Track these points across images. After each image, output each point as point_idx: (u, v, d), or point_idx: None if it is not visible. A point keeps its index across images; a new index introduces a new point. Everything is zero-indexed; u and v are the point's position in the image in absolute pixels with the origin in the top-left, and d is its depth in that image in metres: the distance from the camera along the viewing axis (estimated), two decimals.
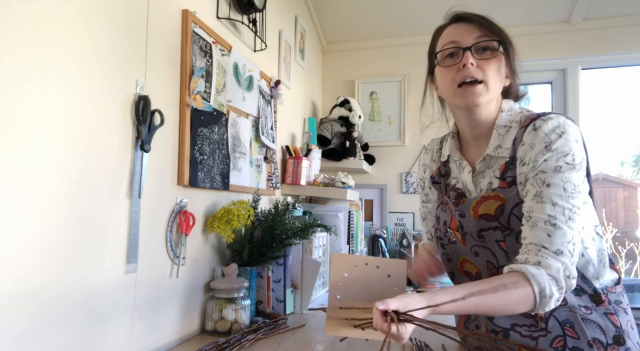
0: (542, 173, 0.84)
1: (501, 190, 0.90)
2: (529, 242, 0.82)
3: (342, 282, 0.78)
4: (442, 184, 1.07)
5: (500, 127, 0.93)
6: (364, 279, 0.78)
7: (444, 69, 0.93)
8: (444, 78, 0.94)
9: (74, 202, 0.86)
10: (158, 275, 1.11)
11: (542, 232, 0.81)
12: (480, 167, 0.97)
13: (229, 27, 1.50)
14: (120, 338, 0.98)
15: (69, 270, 0.85)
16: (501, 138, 0.93)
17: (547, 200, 0.82)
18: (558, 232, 0.80)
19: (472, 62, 0.88)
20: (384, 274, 0.79)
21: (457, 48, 0.91)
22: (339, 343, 1.18)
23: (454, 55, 0.92)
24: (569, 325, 0.87)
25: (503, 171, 0.91)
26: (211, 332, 1.24)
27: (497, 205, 0.90)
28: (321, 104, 2.74)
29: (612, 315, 0.88)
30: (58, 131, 0.82)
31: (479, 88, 0.89)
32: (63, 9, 0.83)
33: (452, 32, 0.94)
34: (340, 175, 2.12)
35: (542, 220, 0.81)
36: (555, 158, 0.83)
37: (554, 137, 0.84)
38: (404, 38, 2.61)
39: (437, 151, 1.12)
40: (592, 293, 0.89)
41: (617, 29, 2.27)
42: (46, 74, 0.80)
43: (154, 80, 1.09)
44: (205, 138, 1.29)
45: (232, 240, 1.32)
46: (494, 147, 0.93)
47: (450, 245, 1.02)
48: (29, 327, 0.77)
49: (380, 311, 0.68)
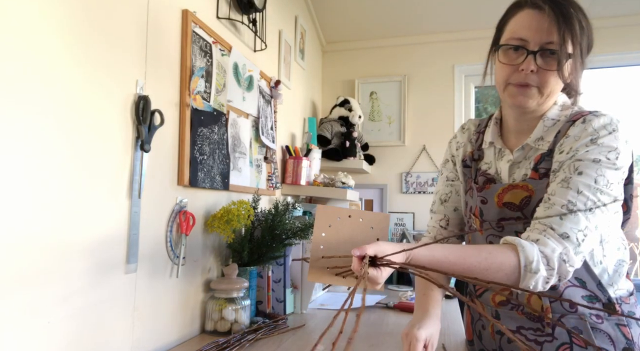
0: (578, 161, 0.79)
1: (531, 181, 0.86)
2: (539, 221, 0.79)
3: (326, 233, 0.79)
4: (473, 168, 1.01)
5: (547, 119, 0.88)
6: (347, 231, 0.80)
7: (502, 65, 0.87)
8: (500, 72, 0.88)
9: (74, 202, 0.86)
10: (158, 275, 1.11)
11: (555, 213, 0.77)
12: (517, 156, 0.92)
13: (229, 27, 1.50)
14: (120, 338, 0.98)
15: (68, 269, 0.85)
16: (546, 130, 0.88)
17: (573, 187, 0.77)
18: (572, 217, 0.76)
19: (532, 69, 0.82)
20: (367, 226, 0.80)
21: (523, 47, 0.83)
22: (339, 343, 1.18)
23: (518, 50, 0.84)
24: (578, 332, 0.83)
25: (537, 162, 0.87)
26: (211, 332, 1.24)
27: (524, 195, 0.86)
28: (321, 104, 2.74)
29: (624, 327, 0.84)
30: (58, 131, 0.82)
31: (531, 92, 0.84)
32: (63, 8, 0.83)
33: (525, 22, 0.84)
34: (340, 175, 2.12)
35: (560, 204, 0.77)
36: (598, 151, 0.79)
37: (604, 133, 0.80)
38: (404, 38, 2.61)
39: (475, 134, 1.05)
40: (606, 302, 0.85)
41: (617, 29, 2.27)
42: (46, 73, 0.80)
43: (154, 80, 1.09)
44: (205, 138, 1.29)
45: (232, 240, 1.32)
46: (535, 138, 0.89)
47: (470, 233, 1.01)
48: (29, 328, 0.77)
49: (357, 257, 0.68)
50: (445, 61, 2.56)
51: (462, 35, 2.53)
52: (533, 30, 0.82)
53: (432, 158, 2.52)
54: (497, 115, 0.99)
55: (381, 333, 1.29)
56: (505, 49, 0.86)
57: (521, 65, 0.83)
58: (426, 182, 2.52)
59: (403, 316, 1.51)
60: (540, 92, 0.84)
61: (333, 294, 1.84)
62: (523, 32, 0.84)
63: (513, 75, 0.85)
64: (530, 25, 0.83)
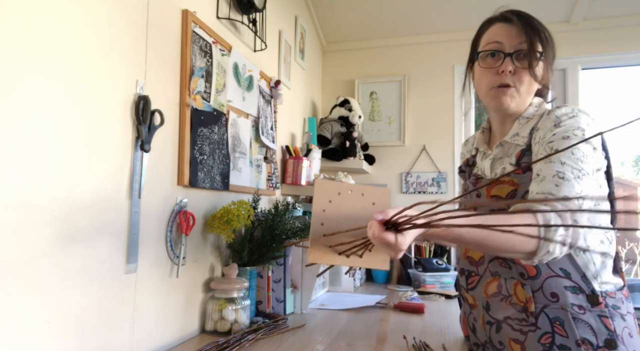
0: (551, 143, 0.86)
1: (516, 176, 0.92)
2: (535, 193, 0.83)
3: (326, 209, 0.74)
4: (467, 173, 1.13)
5: (522, 118, 0.98)
6: (348, 206, 0.75)
7: (483, 70, 0.97)
8: (481, 79, 0.99)
9: (74, 202, 0.86)
10: (158, 275, 1.11)
11: (549, 183, 0.82)
12: (497, 152, 1.01)
13: (229, 27, 1.50)
14: (120, 338, 0.98)
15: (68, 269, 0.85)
16: (521, 127, 0.97)
17: (556, 160, 0.83)
18: (566, 183, 0.80)
19: (510, 69, 0.92)
20: (369, 201, 0.76)
21: (499, 51, 0.94)
22: (339, 343, 1.18)
23: (495, 55, 0.95)
24: (559, 322, 0.87)
25: (519, 158, 0.95)
26: (211, 332, 1.24)
27: (510, 189, 0.92)
28: (321, 104, 2.74)
29: (606, 318, 0.87)
30: (58, 131, 0.82)
31: (510, 92, 0.94)
32: (63, 9, 0.83)
33: (498, 31, 0.96)
34: (340, 175, 2.11)
35: (550, 175, 0.82)
36: (564, 131, 0.86)
37: (565, 118, 0.88)
38: (404, 38, 2.61)
39: (473, 143, 1.17)
40: (589, 294, 0.88)
41: (617, 29, 2.27)
42: (46, 74, 0.80)
43: (154, 80, 1.09)
44: (205, 138, 1.29)
45: (232, 240, 1.32)
46: (511, 135, 0.98)
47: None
48: (29, 328, 0.77)
49: (379, 222, 0.65)
50: (445, 61, 2.56)
51: (462, 35, 2.52)
52: (506, 37, 0.94)
53: (432, 158, 2.52)
54: (485, 125, 1.11)
55: (381, 333, 1.28)
56: (484, 56, 0.97)
57: (500, 67, 0.93)
58: (426, 182, 2.52)
59: (403, 316, 1.51)
60: (518, 91, 0.94)
61: (333, 294, 1.84)
62: (498, 38, 0.95)
63: (493, 78, 0.95)
64: (502, 33, 0.95)
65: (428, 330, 1.32)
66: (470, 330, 1.06)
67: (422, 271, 2.05)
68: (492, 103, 0.97)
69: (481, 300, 0.99)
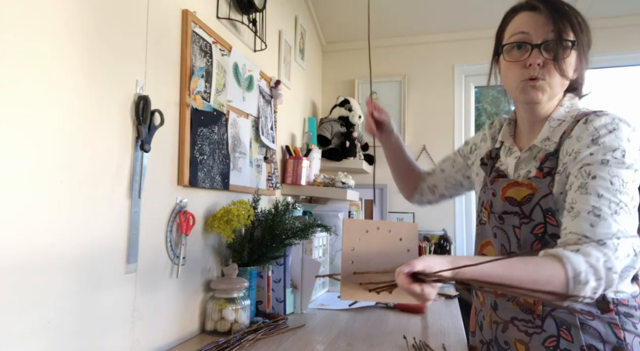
0: (587, 165, 0.79)
1: (535, 180, 0.88)
2: (569, 231, 0.77)
3: (355, 247, 0.77)
4: (489, 166, 1.04)
5: (553, 120, 0.90)
6: (377, 243, 0.78)
7: (509, 63, 0.90)
8: (508, 73, 0.91)
9: (74, 202, 0.86)
10: (158, 275, 1.11)
11: (584, 221, 0.76)
12: (525, 156, 0.94)
13: (229, 27, 1.50)
14: (120, 338, 0.98)
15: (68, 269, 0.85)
16: (552, 130, 0.90)
17: (592, 191, 0.77)
18: (602, 223, 0.74)
19: (539, 62, 0.84)
20: (396, 237, 0.79)
21: (526, 43, 0.86)
22: (339, 343, 1.18)
23: (522, 47, 0.87)
24: (565, 326, 0.85)
25: (542, 161, 0.89)
26: (211, 332, 1.24)
27: (527, 193, 0.88)
28: (321, 104, 2.74)
29: (615, 326, 0.83)
30: (58, 131, 0.82)
31: (540, 84, 0.86)
32: (63, 9, 0.83)
33: (524, 20, 0.88)
34: (340, 175, 2.12)
35: (586, 211, 0.76)
36: (602, 152, 0.79)
37: (603, 132, 0.80)
38: (404, 38, 2.61)
39: (498, 131, 1.08)
40: (599, 300, 0.83)
41: (617, 29, 2.27)
42: (46, 74, 0.80)
43: (154, 80, 1.09)
44: (205, 138, 1.29)
45: (232, 240, 1.32)
46: (542, 138, 0.91)
47: (480, 226, 1.03)
48: (29, 328, 0.77)
49: (406, 274, 0.66)
50: (445, 61, 2.56)
51: (462, 35, 2.53)
52: (533, 26, 0.86)
53: (432, 158, 2.52)
54: (512, 117, 1.03)
55: (381, 333, 1.29)
56: (509, 48, 0.89)
57: (528, 59, 0.85)
58: None
59: (403, 316, 1.51)
60: (549, 84, 0.86)
61: (333, 294, 1.84)
62: (524, 28, 0.87)
63: (521, 72, 0.87)
64: (529, 22, 0.86)
65: (428, 330, 1.32)
66: (477, 327, 1.05)
67: None
68: (521, 97, 0.89)
69: (490, 299, 0.98)
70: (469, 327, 1.12)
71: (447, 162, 1.22)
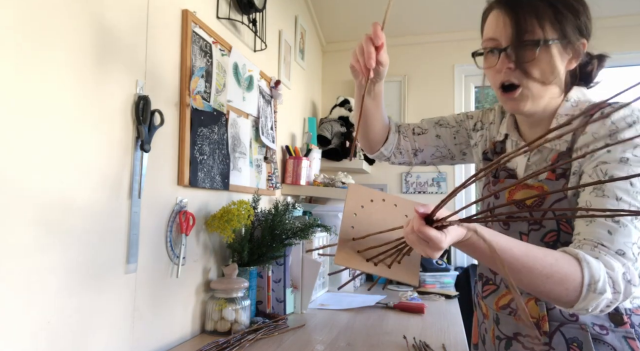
0: (604, 164, 0.72)
1: (547, 182, 0.80)
2: (584, 238, 0.70)
3: (357, 213, 0.72)
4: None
5: (561, 116, 0.81)
6: (380, 215, 0.73)
7: (486, 70, 0.84)
8: (488, 79, 0.85)
9: (74, 202, 0.86)
10: (158, 275, 1.11)
11: (601, 228, 0.69)
12: (535, 159, 0.86)
13: (229, 27, 1.50)
14: (120, 338, 0.98)
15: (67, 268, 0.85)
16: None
17: (610, 194, 0.70)
18: (621, 230, 0.68)
19: (509, 66, 0.77)
20: (401, 213, 0.73)
21: (493, 48, 0.80)
22: (339, 343, 1.18)
23: (493, 52, 0.81)
24: (577, 344, 0.77)
25: (554, 161, 0.81)
26: (211, 332, 1.24)
27: (538, 196, 0.81)
28: (321, 104, 2.74)
29: (632, 340, 0.76)
30: (58, 131, 0.82)
31: (519, 95, 0.79)
32: (63, 9, 0.83)
33: (492, 22, 0.81)
34: (340, 175, 2.12)
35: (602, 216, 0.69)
36: (621, 148, 0.71)
37: (623, 126, 0.72)
38: (404, 38, 2.61)
39: (499, 116, 0.99)
40: (612, 312, 0.77)
41: (617, 29, 2.27)
42: (46, 74, 0.80)
43: (154, 80, 1.09)
44: (205, 138, 1.29)
45: (232, 240, 1.32)
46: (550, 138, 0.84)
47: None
48: (29, 328, 0.77)
49: (420, 214, 0.60)
50: (445, 61, 2.56)
51: (462, 35, 2.53)
52: (500, 29, 0.79)
53: None
54: None
55: (381, 333, 1.29)
56: (485, 55, 0.84)
57: (497, 65, 0.79)
58: (426, 182, 2.52)
59: (403, 316, 1.51)
60: (529, 90, 0.78)
61: (333, 294, 1.84)
62: (492, 34, 0.81)
63: (496, 77, 0.81)
64: (497, 24, 0.80)
65: (428, 330, 1.32)
66: (480, 340, 0.98)
67: (422, 271, 2.05)
68: (505, 107, 0.84)
69: (492, 312, 0.92)
70: (471, 338, 1.05)
71: (445, 128, 1.07)
